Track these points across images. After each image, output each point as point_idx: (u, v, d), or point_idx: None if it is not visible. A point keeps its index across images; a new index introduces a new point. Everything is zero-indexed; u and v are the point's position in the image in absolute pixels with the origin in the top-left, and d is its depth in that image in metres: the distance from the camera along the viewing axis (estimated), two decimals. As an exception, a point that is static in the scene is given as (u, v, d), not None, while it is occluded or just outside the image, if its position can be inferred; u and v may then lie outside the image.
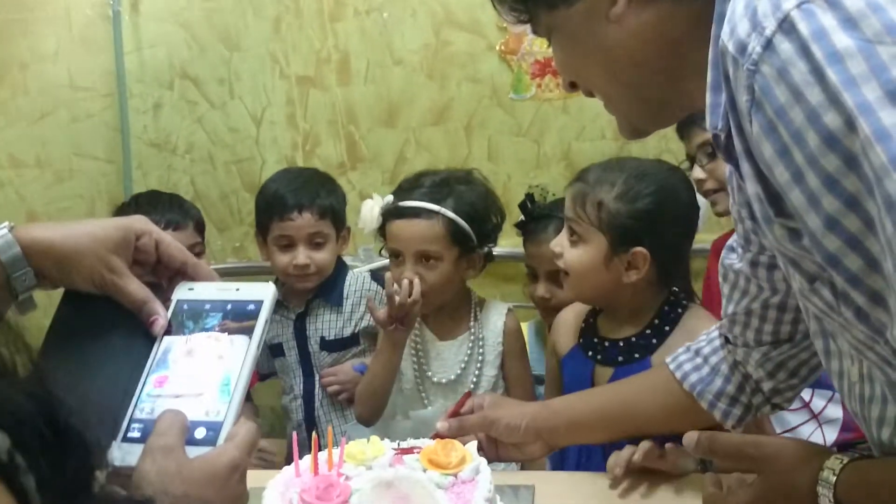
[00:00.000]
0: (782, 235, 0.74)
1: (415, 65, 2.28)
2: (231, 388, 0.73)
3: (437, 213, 1.60)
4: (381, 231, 1.67)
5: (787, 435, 1.44)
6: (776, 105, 0.65)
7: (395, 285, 1.56)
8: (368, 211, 1.65)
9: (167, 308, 0.78)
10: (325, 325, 1.89)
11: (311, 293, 1.88)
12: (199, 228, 1.95)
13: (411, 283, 1.56)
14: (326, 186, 1.89)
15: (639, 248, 1.33)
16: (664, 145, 2.24)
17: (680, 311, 1.39)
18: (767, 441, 0.89)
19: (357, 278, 1.94)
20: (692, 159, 1.68)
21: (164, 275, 0.81)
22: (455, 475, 1.09)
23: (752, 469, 0.87)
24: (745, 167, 0.74)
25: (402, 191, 1.66)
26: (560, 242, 1.40)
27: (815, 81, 0.63)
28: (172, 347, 0.76)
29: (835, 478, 0.78)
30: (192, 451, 0.69)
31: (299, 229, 1.80)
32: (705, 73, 0.74)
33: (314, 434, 1.11)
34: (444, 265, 1.61)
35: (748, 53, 0.66)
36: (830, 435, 1.41)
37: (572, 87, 0.93)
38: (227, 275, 2.15)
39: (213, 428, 0.71)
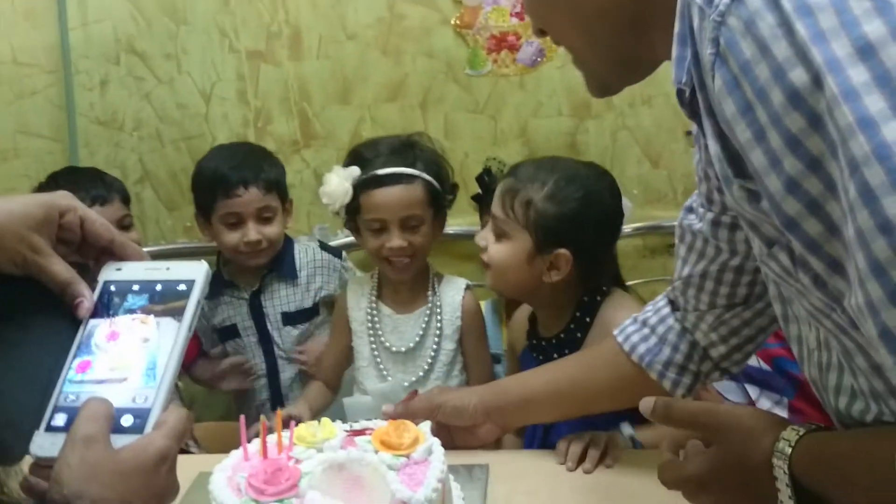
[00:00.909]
0: (741, 197, 0.72)
1: (368, 39, 2.24)
2: (159, 373, 0.69)
3: (415, 176, 1.60)
4: (351, 204, 1.62)
5: None
6: (741, 60, 0.63)
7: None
8: (338, 185, 1.60)
9: (93, 289, 0.74)
10: (284, 299, 1.87)
11: (263, 269, 1.85)
12: (125, 201, 1.88)
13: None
14: (267, 160, 1.87)
15: (562, 250, 1.36)
16: (621, 122, 2.24)
17: (599, 298, 1.41)
18: (724, 410, 0.85)
19: (307, 250, 1.92)
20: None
21: (90, 254, 0.77)
22: (408, 456, 1.07)
23: (707, 438, 0.84)
24: (707, 125, 0.72)
25: (367, 160, 1.62)
26: (485, 236, 1.43)
27: (783, 35, 0.61)
28: (98, 331, 0.72)
29: (790, 449, 0.74)
30: (119, 440, 0.66)
31: (247, 205, 1.77)
32: (672, 25, 0.72)
33: (262, 418, 1.09)
34: (425, 227, 1.63)
35: (715, 4, 0.64)
36: None
37: (541, 33, 0.91)
38: (178, 255, 2.10)
39: (141, 415, 0.68)
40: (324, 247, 1.97)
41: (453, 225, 2.15)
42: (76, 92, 2.31)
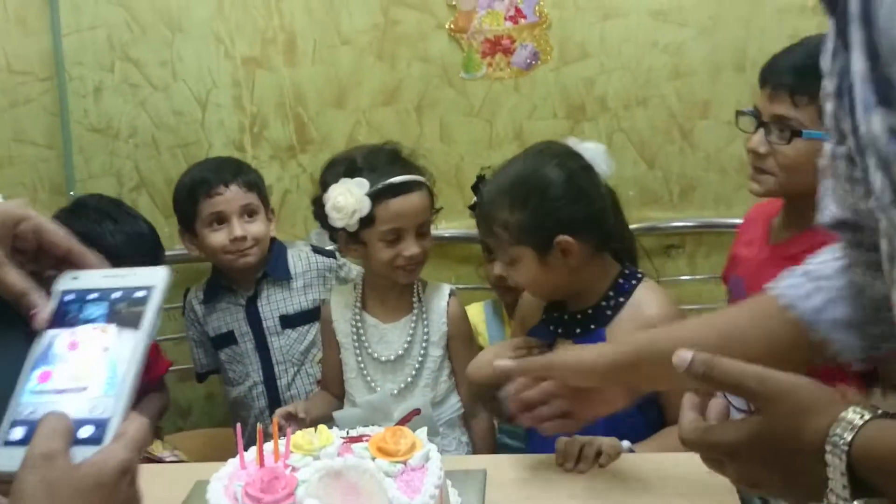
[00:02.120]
0: (882, 129, 0.60)
1: (363, 44, 2.24)
2: (118, 383, 0.67)
3: (423, 183, 1.62)
4: (364, 217, 1.56)
5: None
6: None
7: None
8: (353, 197, 1.54)
9: (50, 299, 0.72)
10: (281, 302, 1.87)
11: (258, 273, 1.85)
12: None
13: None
14: (244, 166, 1.91)
15: (559, 237, 1.37)
16: (616, 124, 2.23)
17: (634, 282, 1.43)
18: (777, 376, 0.71)
19: (300, 255, 1.93)
20: (759, 118, 1.41)
21: (47, 264, 0.75)
22: (404, 462, 1.07)
23: (753, 404, 0.72)
24: (856, 34, 0.60)
25: (372, 171, 1.58)
26: (501, 269, 1.48)
27: None
28: (55, 341, 0.71)
29: (850, 435, 0.63)
30: (78, 452, 0.64)
31: (230, 202, 1.80)
32: None
33: (258, 425, 1.09)
34: (429, 233, 1.66)
35: None
36: None
37: None
38: (176, 261, 2.09)
39: (100, 425, 0.66)
40: (317, 250, 1.97)
41: (450, 228, 2.16)
42: (70, 99, 2.31)
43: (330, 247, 2.24)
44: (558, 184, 1.39)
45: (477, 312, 1.90)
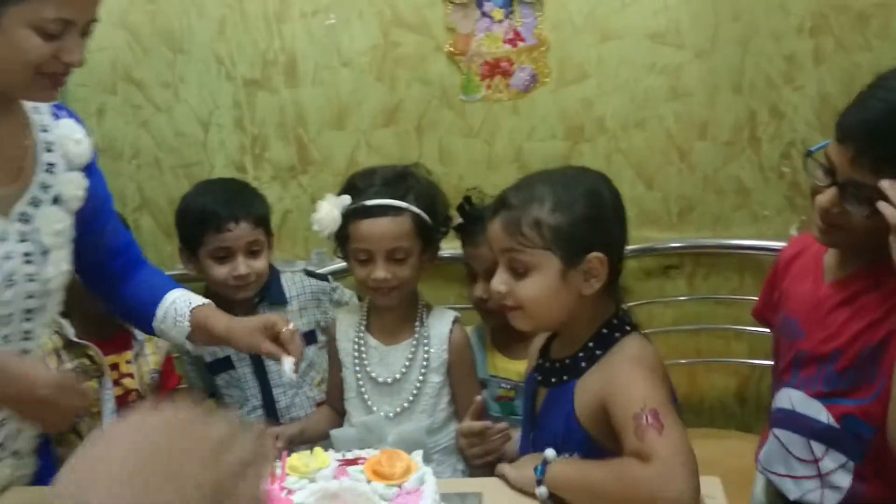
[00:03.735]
0: None
1: (363, 66, 2.26)
2: None
3: (404, 209, 1.59)
4: (340, 233, 1.63)
5: (787, 482, 1.38)
6: None
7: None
8: (327, 213, 1.61)
9: None
10: None
11: (255, 299, 1.86)
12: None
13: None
14: (255, 195, 1.90)
15: (593, 254, 1.25)
16: (614, 145, 2.25)
17: (619, 335, 1.29)
18: None
19: (293, 279, 1.93)
20: (834, 174, 1.24)
21: None
22: (399, 486, 1.08)
23: None
24: None
25: (359, 190, 1.63)
26: (502, 281, 1.28)
27: None
28: None
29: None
30: None
31: (237, 239, 1.79)
32: None
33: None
34: (412, 259, 1.61)
35: None
36: (832, 499, 1.33)
37: None
38: (181, 281, 2.10)
39: None
40: (310, 274, 1.97)
41: (445, 248, 2.17)
42: (74, 120, 2.33)
43: (327, 268, 2.26)
44: (609, 200, 1.29)
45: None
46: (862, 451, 1.28)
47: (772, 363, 2.15)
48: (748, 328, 2.23)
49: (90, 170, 1.40)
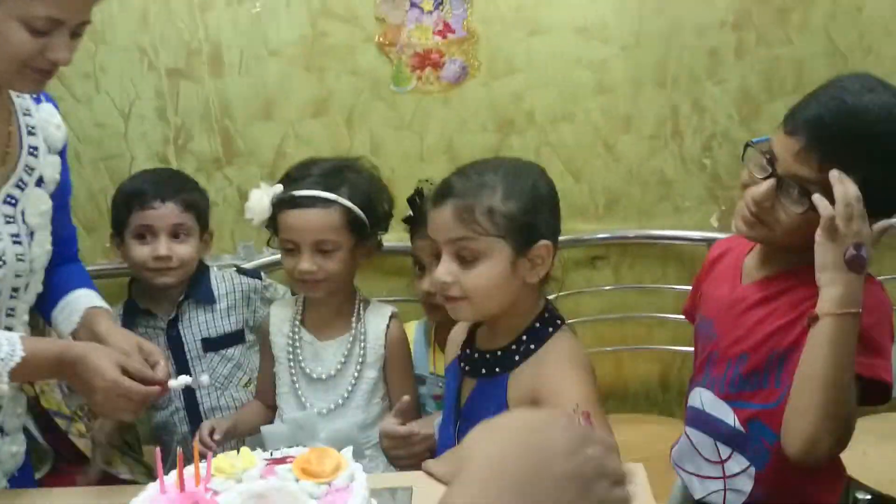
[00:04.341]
0: None
1: (291, 56, 2.23)
2: None
3: (333, 201, 1.57)
4: (271, 222, 1.62)
5: (694, 481, 1.40)
6: None
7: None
8: (258, 201, 1.60)
9: None
10: (203, 325, 1.83)
11: (179, 296, 1.81)
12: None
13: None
14: (190, 184, 1.86)
15: (542, 242, 1.27)
16: (543, 138, 2.27)
17: (551, 330, 1.31)
18: None
19: (224, 276, 1.89)
20: (774, 166, 1.24)
21: None
22: (329, 483, 1.07)
23: None
24: None
25: (293, 180, 1.62)
26: (448, 271, 1.27)
27: None
28: None
29: None
30: None
31: (161, 218, 1.75)
32: None
33: (179, 449, 1.08)
34: (341, 253, 1.60)
35: None
36: (734, 502, 1.34)
37: None
38: (98, 277, 2.04)
39: None
40: (241, 271, 1.94)
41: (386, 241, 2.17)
42: (-12, 110, 2.24)
43: (255, 262, 2.23)
44: (551, 191, 1.31)
45: (409, 333, 1.88)
46: (764, 458, 1.30)
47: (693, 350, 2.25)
48: (670, 316, 2.29)
49: (62, 156, 1.45)
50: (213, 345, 1.81)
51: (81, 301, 1.46)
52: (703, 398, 1.38)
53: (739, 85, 2.23)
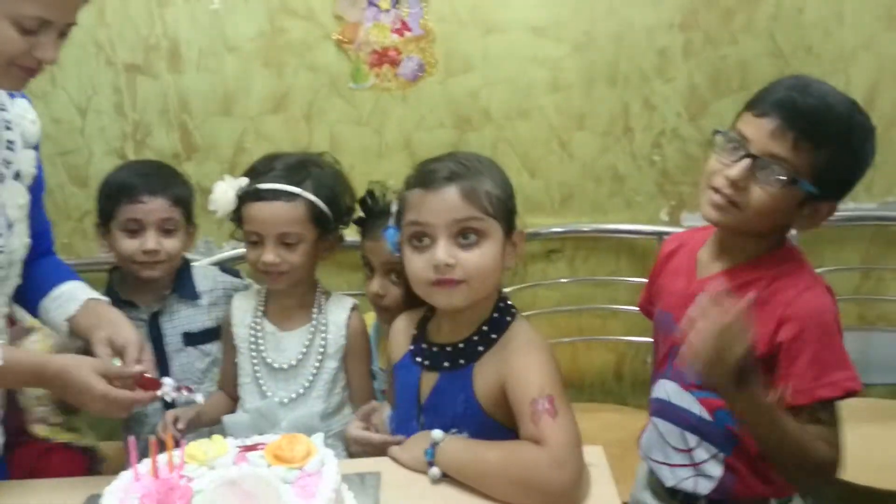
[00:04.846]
0: None
1: (250, 52, 2.24)
2: None
3: (297, 195, 1.60)
4: (235, 215, 1.64)
5: (664, 469, 1.45)
6: None
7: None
8: (222, 194, 1.62)
9: None
10: (185, 320, 1.83)
11: (165, 290, 1.83)
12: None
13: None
14: (179, 178, 1.86)
15: (519, 228, 1.36)
16: (500, 134, 2.32)
17: (509, 319, 1.36)
18: None
19: (206, 273, 1.90)
20: (747, 147, 1.28)
21: None
22: (300, 468, 1.10)
23: None
24: None
25: (258, 173, 1.64)
26: (450, 254, 1.28)
27: None
28: None
29: None
30: None
31: (150, 213, 1.75)
32: None
33: (151, 438, 1.10)
34: (304, 246, 1.62)
35: None
36: (704, 487, 1.39)
37: None
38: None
39: None
40: (225, 269, 1.95)
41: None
42: (-61, 105, 2.21)
43: (221, 255, 2.24)
44: (509, 183, 1.38)
45: (368, 326, 1.90)
46: (731, 443, 1.36)
47: (646, 340, 2.32)
48: (624, 308, 2.36)
49: (36, 150, 1.45)
50: (193, 339, 1.82)
51: (78, 292, 1.48)
52: (668, 389, 1.43)
53: (687, 83, 2.30)
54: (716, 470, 1.38)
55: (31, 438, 1.87)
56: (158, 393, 1.38)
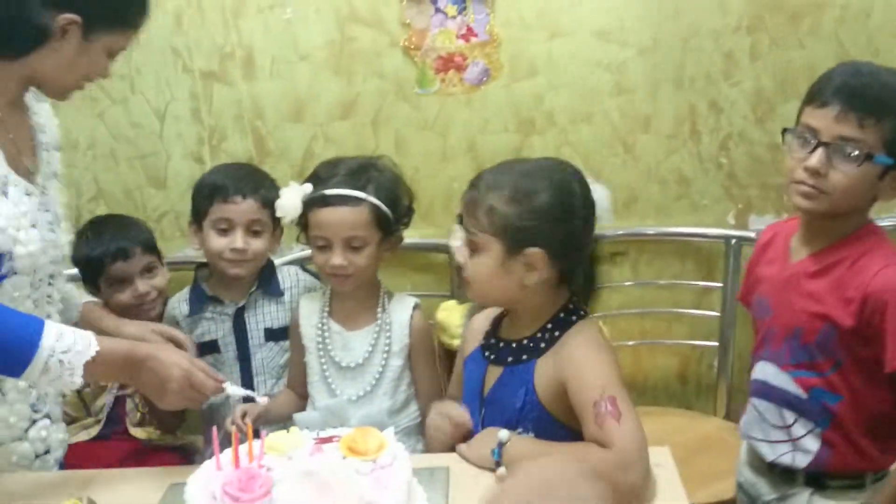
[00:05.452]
0: None
1: (320, 60, 2.30)
2: None
3: (362, 199, 1.64)
4: (300, 219, 1.69)
5: (763, 446, 1.53)
6: None
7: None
8: (289, 200, 1.67)
9: None
10: (268, 316, 1.90)
11: (251, 286, 1.90)
12: (148, 247, 2.00)
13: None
14: (268, 181, 1.94)
15: (533, 249, 1.32)
16: (563, 137, 2.34)
17: (575, 318, 1.38)
18: None
19: (290, 272, 1.97)
20: (818, 137, 1.37)
21: None
22: (374, 461, 1.14)
23: None
24: None
25: (321, 179, 1.68)
26: (462, 254, 1.39)
27: None
28: None
29: None
30: None
31: (241, 214, 1.83)
32: None
33: (233, 428, 1.15)
34: (369, 249, 1.66)
35: None
36: (802, 461, 1.48)
37: None
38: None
39: None
40: (305, 269, 2.02)
41: (405, 236, 2.23)
42: (27, 111, 2.32)
43: (290, 256, 2.30)
44: (556, 198, 1.34)
45: (458, 315, 1.93)
46: (827, 418, 1.44)
47: (712, 344, 2.33)
48: (689, 311, 2.36)
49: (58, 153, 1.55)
50: (274, 335, 1.88)
51: (73, 294, 1.57)
52: (767, 371, 1.51)
53: (754, 86, 2.29)
54: (813, 444, 1.46)
55: (130, 438, 1.97)
56: (224, 386, 1.41)
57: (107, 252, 1.93)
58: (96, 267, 1.94)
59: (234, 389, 1.43)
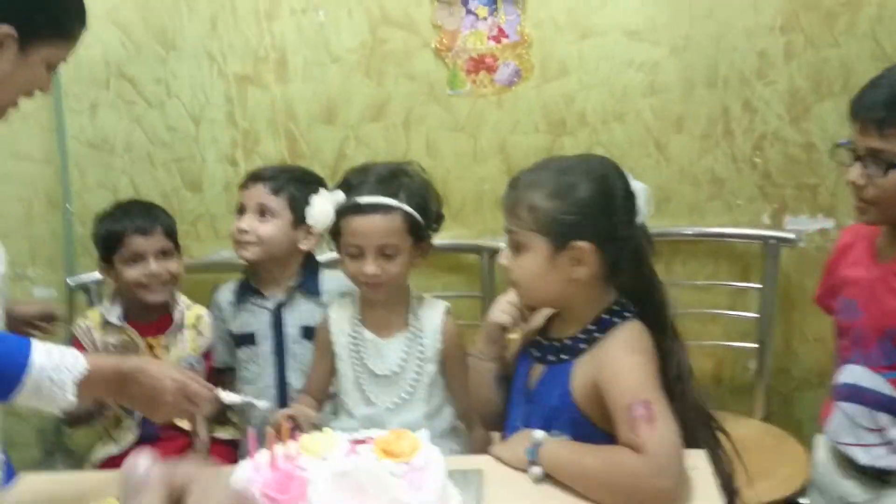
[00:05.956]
0: None
1: (352, 62, 2.32)
2: None
3: (394, 207, 1.63)
4: (333, 227, 1.68)
5: (856, 451, 1.52)
6: None
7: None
8: (321, 209, 1.66)
9: None
10: (306, 314, 1.94)
11: (292, 284, 1.95)
12: (168, 232, 2.07)
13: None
14: (301, 174, 2.02)
15: (580, 243, 1.31)
16: (595, 138, 2.33)
17: (618, 320, 1.36)
18: None
19: (333, 275, 1.98)
20: (856, 151, 1.45)
21: None
22: (408, 463, 1.15)
23: None
24: None
25: (351, 186, 1.67)
26: (505, 256, 1.39)
27: None
28: None
29: None
30: None
31: (250, 198, 1.95)
32: None
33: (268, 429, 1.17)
34: (402, 256, 1.66)
35: None
36: None
37: None
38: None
39: None
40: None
41: (437, 238, 2.24)
42: (66, 115, 2.38)
43: (324, 258, 2.32)
44: (596, 190, 1.34)
45: None
46: None
47: (747, 345, 2.30)
48: (724, 312, 2.34)
49: None
50: (310, 333, 1.90)
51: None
52: (857, 374, 1.51)
53: (788, 86, 2.26)
54: None
55: (178, 432, 1.98)
56: (220, 394, 1.40)
57: (128, 226, 2.01)
58: (115, 240, 2.01)
59: (230, 396, 1.43)
